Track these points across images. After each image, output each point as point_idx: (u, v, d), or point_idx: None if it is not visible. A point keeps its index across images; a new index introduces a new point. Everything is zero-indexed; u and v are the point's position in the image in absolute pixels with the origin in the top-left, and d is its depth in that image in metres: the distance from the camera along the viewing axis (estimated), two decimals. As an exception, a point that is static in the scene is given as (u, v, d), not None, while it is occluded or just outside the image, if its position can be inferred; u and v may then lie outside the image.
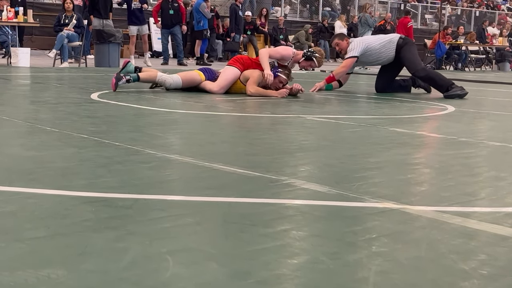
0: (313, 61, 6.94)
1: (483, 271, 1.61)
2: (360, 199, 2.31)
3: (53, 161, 2.81)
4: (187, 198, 2.25)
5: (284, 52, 6.95)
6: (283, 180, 2.57)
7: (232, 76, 6.82)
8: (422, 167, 3.05)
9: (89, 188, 2.33)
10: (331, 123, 4.66)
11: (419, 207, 2.23)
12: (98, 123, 4.11)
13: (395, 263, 1.64)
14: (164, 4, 14.35)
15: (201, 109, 5.52)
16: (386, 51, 7.68)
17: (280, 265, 1.60)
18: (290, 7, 23.64)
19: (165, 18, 14.41)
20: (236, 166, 2.81)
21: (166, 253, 1.64)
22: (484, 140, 4.07)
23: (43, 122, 4.09)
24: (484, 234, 1.94)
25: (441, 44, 17.68)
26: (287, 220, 2.02)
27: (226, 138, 3.72)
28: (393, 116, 5.40)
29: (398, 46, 7.68)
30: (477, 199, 2.45)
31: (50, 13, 16.10)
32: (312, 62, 6.96)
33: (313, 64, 7.01)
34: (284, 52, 6.95)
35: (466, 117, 5.41)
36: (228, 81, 6.81)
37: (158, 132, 3.89)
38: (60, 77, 8.84)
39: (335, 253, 1.70)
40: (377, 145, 3.69)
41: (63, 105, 5.13)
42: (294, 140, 3.74)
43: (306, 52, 6.98)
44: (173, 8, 14.36)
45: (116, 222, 1.91)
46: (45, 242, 1.70)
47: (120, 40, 12.33)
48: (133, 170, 2.70)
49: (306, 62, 6.98)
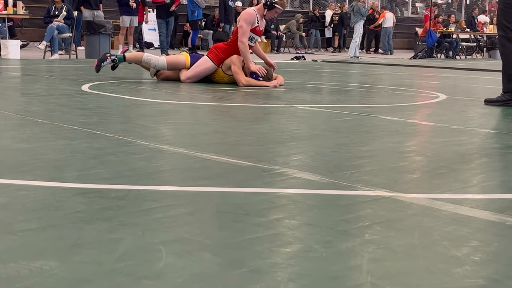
0: (276, 7, 6.91)
1: (476, 257, 1.61)
2: (352, 187, 2.32)
3: (45, 153, 2.80)
4: (179, 188, 2.25)
5: (248, 17, 6.81)
6: (276, 169, 2.57)
7: (203, 70, 6.83)
8: (414, 155, 3.06)
9: (81, 179, 2.32)
10: (323, 112, 4.66)
11: (411, 194, 2.24)
12: (90, 115, 4.10)
13: (388, 251, 1.64)
14: None
15: (193, 99, 5.51)
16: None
17: (273, 254, 1.60)
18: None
19: (162, 8, 14.38)
20: (229, 156, 2.81)
21: (159, 244, 1.64)
22: (476, 127, 4.08)
23: (34, 114, 4.07)
24: (476, 220, 1.94)
25: (432, 32, 17.69)
26: (279, 209, 2.02)
27: (218, 128, 3.72)
28: (384, 104, 5.40)
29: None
30: (469, 186, 2.45)
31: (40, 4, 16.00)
32: (276, 9, 6.94)
33: (277, 10, 6.98)
34: (248, 17, 6.81)
35: (458, 104, 5.42)
36: (197, 73, 6.83)
37: (150, 123, 3.88)
38: (50, 69, 8.80)
39: (328, 241, 1.70)
40: (369, 133, 3.70)
41: (54, 97, 5.11)
42: (286, 129, 3.74)
43: (266, 2, 6.92)
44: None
45: (108, 213, 1.90)
46: (38, 234, 1.70)
47: (111, 31, 12.27)
48: (125, 161, 2.69)
49: (270, 12, 6.96)
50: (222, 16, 17.21)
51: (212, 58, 6.84)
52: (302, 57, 15.21)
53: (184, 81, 6.81)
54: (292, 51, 18.89)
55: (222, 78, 6.86)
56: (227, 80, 6.85)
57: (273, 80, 6.77)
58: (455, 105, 5.38)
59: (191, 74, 6.83)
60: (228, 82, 6.87)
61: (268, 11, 6.89)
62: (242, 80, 6.65)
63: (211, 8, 18.31)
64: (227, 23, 17.29)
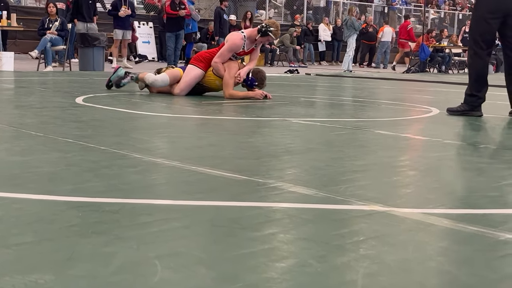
0: (269, 36, 6.94)
1: (471, 274, 1.62)
2: (347, 201, 2.32)
3: (39, 166, 2.79)
4: (174, 202, 2.25)
5: (233, 46, 6.87)
6: (270, 183, 2.58)
7: (192, 78, 6.86)
8: (408, 170, 3.07)
9: (76, 192, 2.32)
10: (317, 126, 4.67)
11: (405, 209, 2.24)
12: (84, 127, 4.10)
13: (382, 265, 1.65)
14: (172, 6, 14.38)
15: (187, 112, 5.51)
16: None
17: (268, 268, 1.60)
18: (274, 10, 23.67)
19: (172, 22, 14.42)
20: (223, 169, 2.81)
21: (154, 258, 1.63)
22: (469, 142, 4.10)
23: (28, 126, 4.06)
24: (470, 235, 1.95)
25: (425, 47, 17.79)
26: (274, 224, 2.02)
27: (213, 142, 3.72)
28: (378, 118, 5.42)
29: None
30: (462, 201, 2.46)
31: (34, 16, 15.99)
32: (269, 37, 6.97)
33: (270, 38, 7.02)
34: (233, 46, 6.87)
35: (451, 119, 5.45)
36: (188, 83, 6.86)
37: (145, 136, 3.88)
38: (44, 81, 8.79)
39: (322, 256, 1.71)
40: (363, 147, 3.71)
41: (48, 110, 5.11)
42: (280, 143, 3.74)
43: (261, 28, 6.96)
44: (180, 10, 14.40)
45: (103, 226, 1.90)
46: (32, 248, 1.69)
47: (105, 43, 12.29)
48: (119, 174, 2.69)
49: (263, 38, 6.98)
50: (217, 30, 17.25)
51: (197, 65, 6.88)
52: (295, 71, 15.24)
53: (178, 94, 6.82)
54: (286, 65, 18.93)
55: (213, 81, 6.87)
56: (219, 84, 6.86)
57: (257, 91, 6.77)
58: (448, 120, 5.40)
59: (183, 85, 6.85)
60: (219, 88, 6.89)
61: (261, 37, 6.93)
62: (226, 93, 6.70)
63: (205, 21, 18.36)
64: (221, 36, 17.30)
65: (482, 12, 5.67)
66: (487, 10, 5.62)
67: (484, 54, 5.66)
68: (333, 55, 22.08)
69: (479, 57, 5.67)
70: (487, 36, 5.63)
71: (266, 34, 6.88)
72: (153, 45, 18.12)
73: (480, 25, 5.66)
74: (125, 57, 14.20)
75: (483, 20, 5.63)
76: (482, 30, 5.64)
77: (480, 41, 5.63)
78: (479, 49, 5.64)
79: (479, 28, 5.67)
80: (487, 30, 5.63)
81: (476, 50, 5.67)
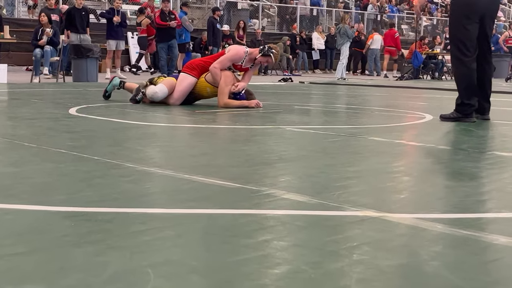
0: (270, 57, 6.97)
1: (465, 278, 1.61)
2: (340, 208, 2.32)
3: (32, 177, 2.78)
4: (167, 211, 2.24)
5: (235, 56, 6.94)
6: (264, 190, 2.58)
7: (186, 86, 6.87)
8: (402, 175, 3.07)
9: (69, 202, 2.31)
10: (310, 134, 4.67)
11: (399, 214, 2.24)
12: (77, 138, 4.09)
13: (376, 271, 1.64)
14: (162, 16, 14.43)
15: (180, 122, 5.51)
16: None
17: (262, 275, 1.60)
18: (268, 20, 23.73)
19: (163, 32, 14.46)
20: (217, 177, 2.81)
21: (147, 266, 1.63)
22: (463, 147, 4.11)
23: (20, 137, 4.05)
24: (464, 240, 1.95)
25: (418, 54, 17.86)
26: (268, 231, 2.01)
27: (206, 150, 3.72)
28: (371, 125, 5.43)
29: None
30: (456, 206, 2.46)
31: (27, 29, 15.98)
32: (269, 58, 6.99)
33: (269, 60, 7.04)
34: (235, 56, 6.94)
35: (444, 125, 5.46)
36: (182, 92, 6.87)
37: (138, 145, 3.88)
38: (37, 93, 8.78)
39: (316, 262, 1.70)
40: (357, 154, 3.71)
41: (41, 121, 5.10)
42: (273, 151, 3.74)
43: (263, 49, 7.00)
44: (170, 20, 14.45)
45: (96, 236, 1.89)
46: (25, 258, 1.68)
47: (98, 54, 12.29)
48: (113, 184, 2.68)
49: (263, 58, 7.00)
50: (210, 39, 17.27)
51: (190, 72, 6.90)
52: (289, 79, 15.27)
53: (173, 103, 6.81)
54: (279, 73, 18.96)
55: (204, 88, 6.87)
56: (209, 91, 6.87)
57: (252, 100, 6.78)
58: (442, 126, 5.41)
59: (177, 94, 6.85)
60: (209, 95, 6.90)
61: (262, 56, 6.96)
62: (221, 102, 6.70)
63: (198, 31, 18.38)
64: (215, 46, 17.35)
65: (458, 17, 5.59)
66: (463, 15, 5.53)
67: (470, 61, 5.53)
68: (326, 63, 22.13)
69: (464, 65, 5.55)
70: (468, 42, 5.53)
71: (266, 55, 6.93)
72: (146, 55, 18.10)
73: (459, 31, 5.57)
74: (118, 68, 14.21)
75: (461, 26, 5.54)
76: (461, 36, 5.54)
77: (462, 48, 5.53)
78: (464, 57, 5.54)
79: (458, 34, 5.58)
80: (467, 36, 5.53)
81: (461, 58, 5.55)
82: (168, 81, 6.98)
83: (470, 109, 5.63)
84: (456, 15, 5.63)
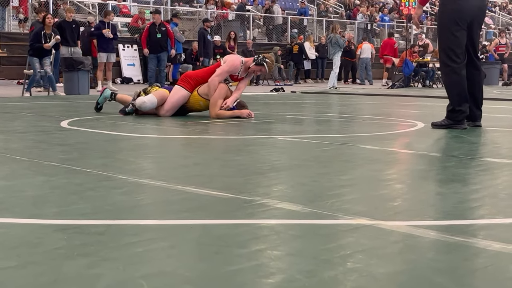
0: (263, 66, 7.01)
1: (459, 284, 1.61)
2: (333, 216, 2.32)
3: (23, 190, 2.77)
4: (160, 222, 2.24)
5: (232, 68, 6.99)
6: (257, 200, 2.57)
7: (178, 99, 6.90)
8: (394, 183, 3.08)
9: (61, 215, 2.30)
10: (303, 143, 4.68)
11: (392, 222, 2.24)
12: (69, 150, 4.08)
13: (370, 279, 1.64)
14: (151, 28, 14.46)
15: (172, 133, 5.50)
16: None
17: (256, 285, 1.59)
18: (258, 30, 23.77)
19: (153, 43, 14.48)
20: (209, 188, 2.80)
21: (141, 278, 1.62)
22: (455, 154, 4.12)
23: (12, 151, 4.04)
24: (457, 247, 1.95)
25: (409, 62, 17.93)
26: (261, 240, 2.01)
27: (199, 161, 3.71)
28: (364, 134, 5.44)
29: None
30: (450, 213, 2.47)
31: (18, 42, 15.97)
32: (263, 67, 7.03)
33: (263, 69, 7.08)
34: (232, 68, 6.99)
35: (436, 132, 5.47)
36: (173, 104, 6.89)
37: (130, 157, 3.87)
38: (29, 106, 8.75)
39: (310, 270, 1.70)
40: (349, 162, 3.71)
41: (32, 134, 5.08)
42: (266, 160, 3.74)
43: (257, 58, 7.04)
44: (160, 32, 14.50)
45: (89, 248, 1.88)
46: (17, 271, 1.67)
47: (89, 67, 12.27)
48: (105, 196, 2.67)
49: (257, 67, 7.04)
50: (201, 50, 17.30)
51: (184, 86, 6.91)
52: (281, 89, 15.29)
53: (164, 115, 6.82)
54: (271, 83, 18.99)
55: (197, 101, 6.88)
56: (202, 105, 6.88)
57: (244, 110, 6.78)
58: (434, 133, 5.43)
59: (168, 106, 6.86)
60: (202, 108, 6.90)
61: (255, 65, 7.00)
62: (212, 113, 6.71)
63: (189, 43, 18.40)
64: (206, 56, 17.38)
65: (447, 24, 5.60)
66: (452, 22, 5.55)
67: (459, 67, 5.55)
68: (317, 73, 22.17)
69: (454, 72, 5.57)
70: (457, 49, 5.55)
71: (260, 64, 6.96)
72: (138, 68, 18.12)
73: (448, 39, 5.59)
74: (109, 80, 14.21)
75: (450, 33, 5.56)
76: (450, 43, 5.56)
77: (452, 55, 5.55)
78: (453, 63, 5.55)
79: (447, 41, 5.60)
80: (456, 43, 5.55)
81: (451, 65, 5.56)
82: (160, 92, 6.98)
83: (461, 116, 5.65)
84: (445, 22, 5.66)
